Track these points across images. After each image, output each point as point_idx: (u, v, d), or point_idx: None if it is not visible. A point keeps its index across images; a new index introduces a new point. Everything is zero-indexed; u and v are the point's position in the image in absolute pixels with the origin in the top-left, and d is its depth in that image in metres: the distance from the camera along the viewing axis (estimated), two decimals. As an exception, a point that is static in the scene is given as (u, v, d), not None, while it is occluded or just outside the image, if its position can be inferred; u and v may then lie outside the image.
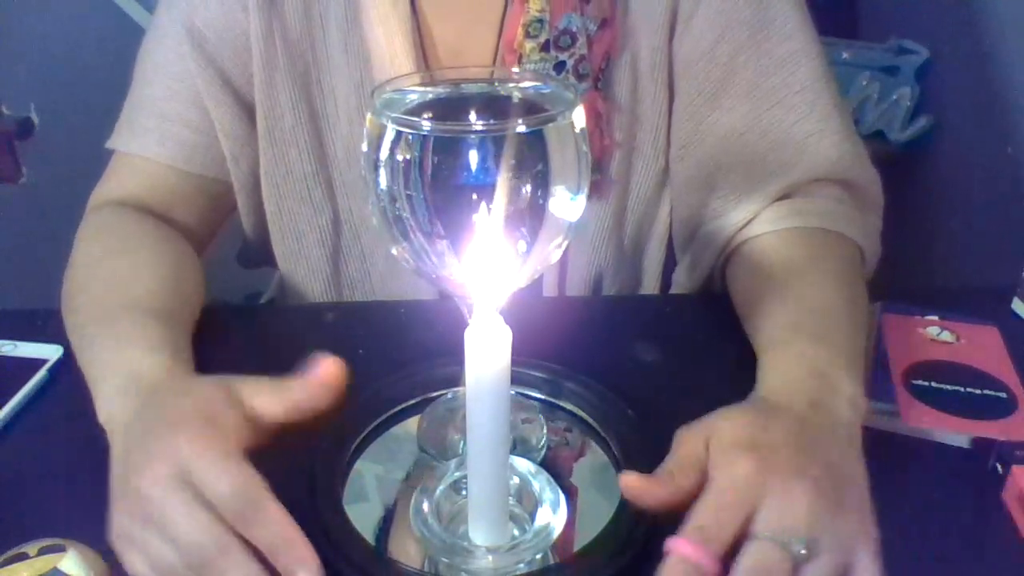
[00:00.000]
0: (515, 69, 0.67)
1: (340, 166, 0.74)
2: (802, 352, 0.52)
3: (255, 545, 0.42)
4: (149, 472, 0.43)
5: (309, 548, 0.41)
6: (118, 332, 0.55)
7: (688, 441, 0.46)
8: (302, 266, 0.78)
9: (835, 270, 0.62)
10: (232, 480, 0.43)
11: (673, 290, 0.79)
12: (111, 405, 0.51)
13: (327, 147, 0.74)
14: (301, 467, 0.49)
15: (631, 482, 0.45)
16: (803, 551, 0.40)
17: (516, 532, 0.46)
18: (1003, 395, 0.58)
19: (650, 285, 0.80)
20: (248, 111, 0.73)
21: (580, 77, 0.69)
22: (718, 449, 0.45)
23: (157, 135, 0.72)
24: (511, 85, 0.45)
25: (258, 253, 0.82)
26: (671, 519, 0.43)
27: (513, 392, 0.49)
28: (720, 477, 0.44)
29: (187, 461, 0.43)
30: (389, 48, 0.69)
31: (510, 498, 0.47)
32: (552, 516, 0.46)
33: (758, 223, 0.68)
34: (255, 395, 0.48)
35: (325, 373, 0.48)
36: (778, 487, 0.42)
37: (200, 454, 0.43)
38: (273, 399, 0.48)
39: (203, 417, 0.46)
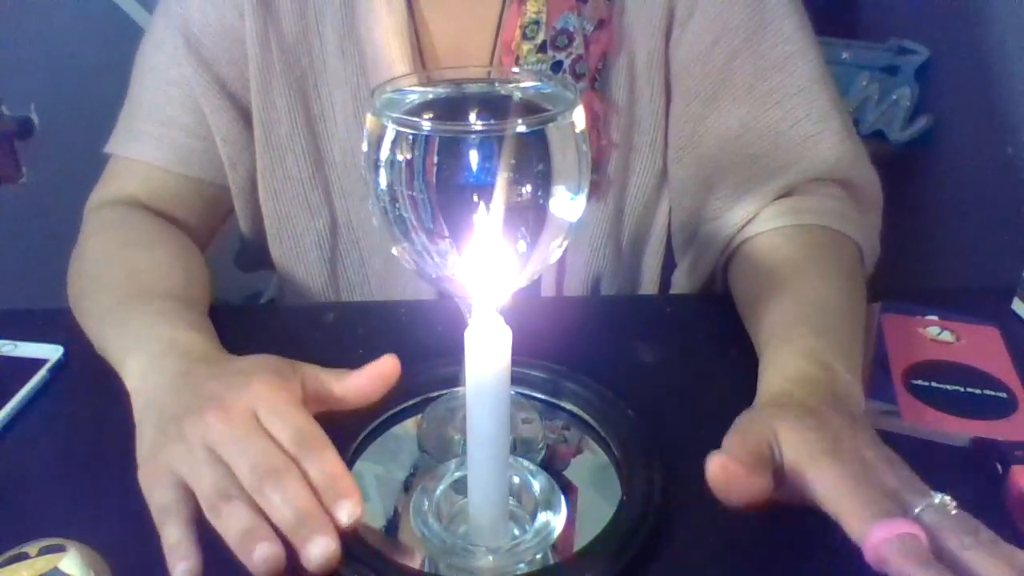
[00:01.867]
0: (515, 69, 0.67)
1: (337, 170, 0.74)
2: (804, 346, 0.52)
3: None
4: (216, 407, 0.46)
5: (355, 487, 0.44)
6: (150, 311, 0.57)
7: (754, 439, 0.44)
8: (300, 270, 0.78)
9: (833, 266, 0.62)
10: (298, 423, 0.46)
11: (672, 291, 0.79)
12: (145, 369, 0.52)
13: (324, 151, 0.74)
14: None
15: (727, 465, 0.42)
16: (950, 504, 0.41)
17: (516, 532, 0.46)
18: (1003, 395, 0.58)
19: (649, 287, 0.80)
20: (245, 116, 0.73)
21: (577, 77, 0.69)
22: (809, 460, 0.43)
23: (155, 139, 0.72)
24: (511, 85, 0.45)
25: (256, 256, 0.82)
26: (671, 521, 0.43)
27: (513, 392, 0.49)
28: (838, 478, 0.42)
29: (258, 400, 0.47)
30: (386, 51, 0.69)
31: (510, 498, 0.47)
32: (552, 516, 0.46)
33: (757, 222, 0.68)
34: (316, 373, 0.51)
35: (384, 366, 0.52)
36: (883, 471, 0.42)
37: (272, 397, 0.47)
38: (333, 380, 0.51)
39: (274, 371, 0.49)
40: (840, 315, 0.57)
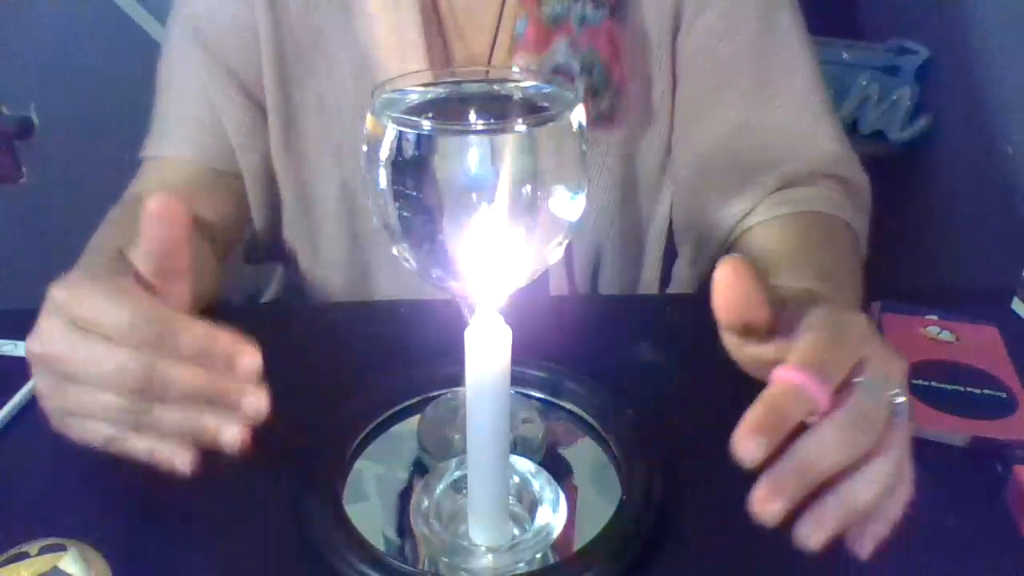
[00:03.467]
0: (515, 69, 0.67)
1: (349, 140, 0.75)
2: (811, 286, 0.51)
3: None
4: (40, 334, 0.43)
5: (239, 338, 0.40)
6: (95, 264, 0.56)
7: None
8: (319, 246, 0.78)
9: (831, 243, 0.64)
10: (128, 306, 0.41)
11: (673, 283, 0.80)
12: None
13: (336, 137, 0.74)
14: (301, 467, 0.49)
15: (737, 265, 0.41)
16: (900, 403, 0.39)
17: (516, 532, 0.46)
18: (1003, 395, 0.58)
19: (650, 276, 0.80)
20: (258, 105, 0.74)
21: (598, 5, 0.69)
22: (804, 311, 0.42)
23: (175, 136, 0.74)
24: (511, 85, 0.46)
25: (266, 247, 0.82)
26: (671, 521, 0.43)
27: (513, 392, 0.49)
28: (827, 325, 0.40)
29: (71, 307, 0.41)
30: (395, 20, 0.69)
31: (510, 498, 0.47)
32: (552, 516, 0.46)
33: (755, 214, 0.69)
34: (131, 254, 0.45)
35: (158, 207, 0.42)
36: (880, 350, 0.40)
37: (81, 296, 0.41)
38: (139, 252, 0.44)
39: (83, 275, 0.44)
40: (839, 281, 0.56)
